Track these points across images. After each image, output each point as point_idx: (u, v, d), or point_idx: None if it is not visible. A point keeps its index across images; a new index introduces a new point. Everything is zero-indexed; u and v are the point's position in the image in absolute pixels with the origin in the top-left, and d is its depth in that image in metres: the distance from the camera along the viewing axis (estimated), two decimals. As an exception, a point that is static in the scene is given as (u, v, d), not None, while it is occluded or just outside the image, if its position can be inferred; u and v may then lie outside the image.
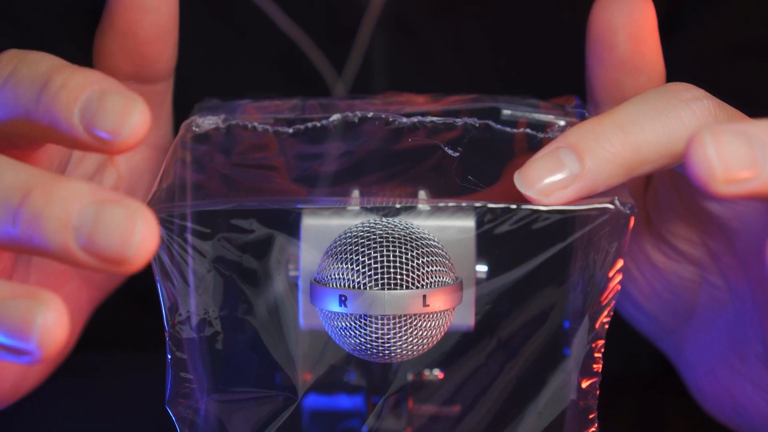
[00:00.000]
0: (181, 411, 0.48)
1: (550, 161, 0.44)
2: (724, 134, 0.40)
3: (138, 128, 0.40)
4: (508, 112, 0.49)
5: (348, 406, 0.52)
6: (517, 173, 0.44)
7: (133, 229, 0.38)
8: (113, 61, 0.51)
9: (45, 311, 0.38)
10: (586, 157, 0.43)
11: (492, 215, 0.48)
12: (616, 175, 0.44)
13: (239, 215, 0.48)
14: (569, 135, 0.44)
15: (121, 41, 0.50)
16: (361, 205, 0.49)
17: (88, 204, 0.39)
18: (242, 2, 0.65)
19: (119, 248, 0.38)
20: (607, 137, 0.43)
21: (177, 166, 0.48)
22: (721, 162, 0.39)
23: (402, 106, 0.50)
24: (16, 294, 0.38)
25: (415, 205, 0.49)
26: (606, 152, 0.43)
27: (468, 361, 0.50)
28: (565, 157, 0.44)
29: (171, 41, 0.51)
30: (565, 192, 0.44)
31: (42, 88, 0.41)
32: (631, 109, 0.44)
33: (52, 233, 0.38)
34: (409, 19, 0.66)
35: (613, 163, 0.43)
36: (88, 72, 0.42)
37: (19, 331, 0.38)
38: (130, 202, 0.39)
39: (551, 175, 0.44)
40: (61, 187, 0.39)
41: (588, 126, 0.44)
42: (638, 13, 0.50)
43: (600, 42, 0.50)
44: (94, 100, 0.40)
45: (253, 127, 0.48)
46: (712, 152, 0.39)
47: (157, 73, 0.52)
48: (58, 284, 0.53)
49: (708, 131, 0.39)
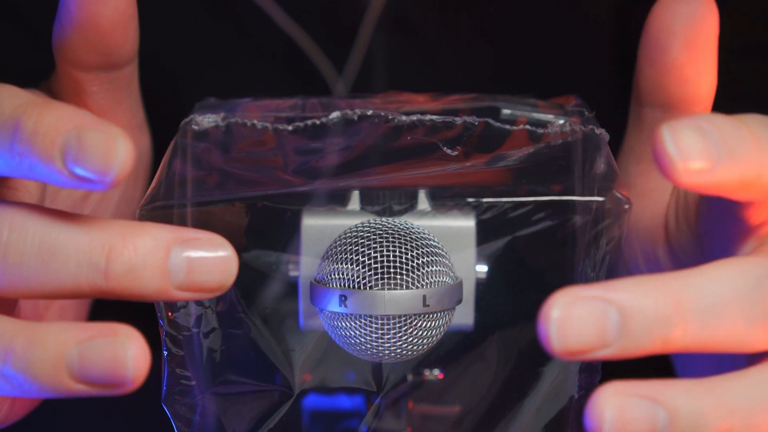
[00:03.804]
0: (178, 408, 0.48)
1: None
2: (681, 128, 0.40)
3: (124, 164, 0.39)
4: (507, 112, 0.49)
5: (348, 406, 0.52)
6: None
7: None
8: (77, 54, 0.50)
9: (131, 345, 0.40)
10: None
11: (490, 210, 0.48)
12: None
13: (238, 208, 0.48)
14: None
15: (82, 34, 0.49)
16: (361, 204, 0.49)
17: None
18: (243, 1, 0.65)
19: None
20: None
21: (176, 162, 0.48)
22: (679, 153, 0.39)
23: (402, 105, 0.50)
24: (103, 333, 0.40)
25: (415, 204, 0.49)
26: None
27: (468, 361, 0.50)
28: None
29: (133, 24, 0.50)
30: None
31: (13, 135, 0.40)
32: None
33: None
34: (410, 19, 0.66)
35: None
36: (58, 108, 0.40)
37: (113, 369, 0.40)
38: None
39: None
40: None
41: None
42: (699, 20, 0.48)
43: (654, 43, 0.49)
44: (73, 141, 0.39)
45: (253, 124, 0.48)
46: (671, 144, 0.39)
47: (122, 58, 0.51)
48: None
49: (666, 126, 0.40)
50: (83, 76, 0.51)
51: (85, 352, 0.40)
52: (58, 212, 0.42)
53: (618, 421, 0.39)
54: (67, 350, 0.40)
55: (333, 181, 0.48)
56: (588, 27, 0.65)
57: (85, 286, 0.41)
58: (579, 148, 0.48)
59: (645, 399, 0.40)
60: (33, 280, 0.41)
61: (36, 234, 0.41)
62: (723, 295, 0.40)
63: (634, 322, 0.39)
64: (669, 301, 0.39)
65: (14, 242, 0.41)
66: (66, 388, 0.40)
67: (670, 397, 0.40)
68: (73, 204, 0.53)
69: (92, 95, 0.52)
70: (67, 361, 0.40)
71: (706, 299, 0.40)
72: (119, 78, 0.52)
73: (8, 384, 0.41)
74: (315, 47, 0.66)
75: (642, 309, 0.39)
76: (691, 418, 0.40)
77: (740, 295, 0.40)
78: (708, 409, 0.40)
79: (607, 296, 0.39)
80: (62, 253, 0.41)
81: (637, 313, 0.39)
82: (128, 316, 0.44)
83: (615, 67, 0.66)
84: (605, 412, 0.39)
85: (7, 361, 0.40)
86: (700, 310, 0.40)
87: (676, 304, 0.39)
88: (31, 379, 0.40)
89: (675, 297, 0.39)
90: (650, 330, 0.39)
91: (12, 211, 0.41)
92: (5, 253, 0.41)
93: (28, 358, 0.40)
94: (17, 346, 0.40)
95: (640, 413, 0.39)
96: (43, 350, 0.40)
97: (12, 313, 0.45)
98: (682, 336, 0.40)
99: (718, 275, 0.40)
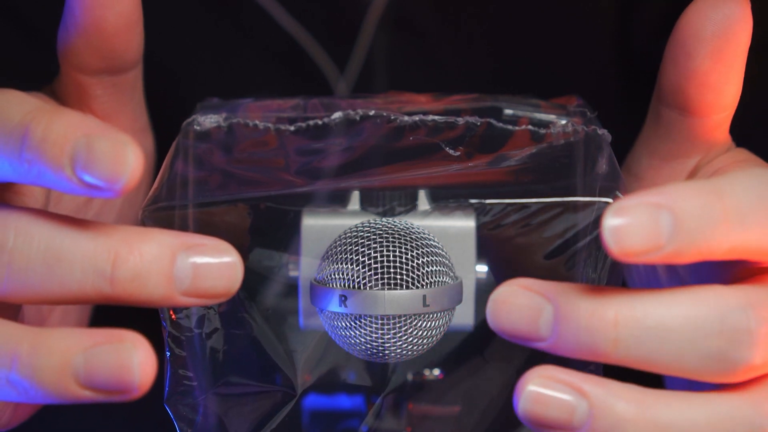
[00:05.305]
0: (180, 409, 0.48)
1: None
2: (629, 210, 0.39)
3: (134, 172, 0.39)
4: (509, 112, 0.49)
5: (348, 406, 0.52)
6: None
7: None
8: (81, 59, 0.50)
9: (137, 352, 0.40)
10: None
11: (492, 211, 0.48)
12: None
13: (240, 209, 0.48)
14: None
15: (87, 38, 0.49)
16: (361, 204, 0.49)
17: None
18: (245, 1, 0.65)
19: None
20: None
21: (178, 163, 0.48)
22: (613, 238, 0.39)
23: (403, 105, 0.50)
24: (109, 339, 0.40)
25: (415, 205, 0.49)
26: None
27: (468, 361, 0.50)
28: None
29: (138, 29, 0.50)
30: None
31: (22, 142, 0.40)
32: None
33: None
34: (412, 19, 0.66)
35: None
36: (67, 116, 0.40)
37: (119, 376, 0.40)
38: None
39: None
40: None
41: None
42: (731, 27, 0.46)
43: (680, 46, 0.47)
44: (82, 149, 0.39)
45: (255, 124, 0.48)
46: (609, 227, 0.39)
47: (127, 62, 0.51)
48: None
49: (614, 206, 0.39)
50: (88, 80, 0.51)
51: (91, 358, 0.40)
52: (63, 218, 0.42)
53: (536, 400, 0.40)
54: (73, 357, 0.40)
55: (335, 182, 0.48)
56: (590, 27, 0.65)
57: (91, 292, 0.41)
58: (581, 148, 0.48)
59: (570, 387, 0.40)
60: (38, 285, 0.41)
61: (42, 240, 0.41)
62: (751, 198, 0.40)
63: (685, 223, 0.39)
64: (713, 202, 0.40)
65: (20, 248, 0.41)
66: (72, 394, 0.40)
67: (598, 394, 0.40)
68: (77, 206, 0.53)
69: (96, 99, 0.52)
70: (73, 367, 0.40)
71: (743, 199, 0.40)
72: (124, 82, 0.52)
73: (14, 390, 0.41)
74: (317, 47, 0.66)
75: (691, 211, 0.39)
76: (612, 420, 0.40)
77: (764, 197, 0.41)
78: (630, 417, 0.40)
79: (659, 200, 0.39)
80: (68, 259, 0.40)
81: (687, 215, 0.39)
82: (130, 316, 0.44)
83: (617, 67, 0.66)
84: (526, 387, 0.40)
85: (13, 367, 0.40)
86: (737, 209, 0.40)
87: (721, 204, 0.40)
88: (37, 386, 0.40)
89: (718, 197, 0.40)
90: (699, 231, 0.39)
91: (18, 216, 0.41)
92: (11, 259, 0.41)
93: (34, 364, 0.40)
94: (23, 352, 0.40)
95: (562, 399, 0.40)
96: (49, 357, 0.40)
97: (16, 318, 0.45)
98: (725, 235, 0.40)
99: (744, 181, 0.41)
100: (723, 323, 0.40)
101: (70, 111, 0.41)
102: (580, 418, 0.40)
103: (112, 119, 0.52)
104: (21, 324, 0.41)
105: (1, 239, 0.41)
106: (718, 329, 0.40)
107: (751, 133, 0.53)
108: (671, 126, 0.50)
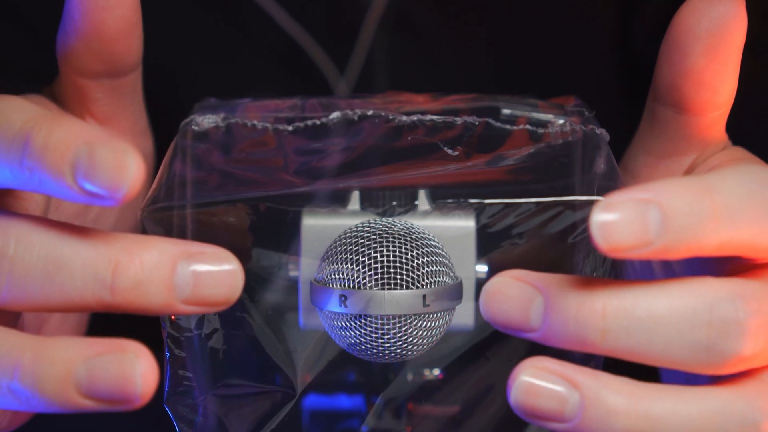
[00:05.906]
0: (180, 409, 0.48)
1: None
2: (617, 205, 0.39)
3: (135, 181, 0.39)
4: (507, 112, 0.49)
5: (348, 406, 0.52)
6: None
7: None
8: (81, 62, 0.50)
9: (139, 362, 0.40)
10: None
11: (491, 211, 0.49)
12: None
13: (239, 209, 0.48)
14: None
15: (87, 42, 0.49)
16: (361, 204, 0.49)
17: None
18: (244, 1, 0.65)
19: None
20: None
21: (176, 163, 0.48)
22: (601, 234, 0.39)
23: (402, 105, 0.50)
24: (111, 349, 0.40)
25: (415, 205, 0.49)
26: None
27: (468, 361, 0.50)
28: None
29: (137, 32, 0.50)
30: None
31: (23, 149, 0.40)
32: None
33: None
34: (412, 19, 0.66)
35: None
36: (68, 123, 0.40)
37: (122, 386, 0.40)
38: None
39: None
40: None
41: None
42: (725, 26, 0.46)
43: (675, 43, 0.47)
44: (83, 157, 0.39)
45: (253, 125, 0.48)
46: (597, 222, 0.39)
47: (127, 66, 0.51)
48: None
49: (602, 203, 0.39)
50: (87, 83, 0.51)
51: (93, 368, 0.40)
52: (64, 225, 0.42)
53: (528, 390, 0.40)
54: (75, 367, 0.40)
55: (334, 182, 0.48)
56: (588, 27, 0.65)
57: (91, 300, 0.41)
58: (579, 147, 0.48)
59: (562, 378, 0.41)
60: (39, 293, 0.41)
61: (42, 247, 0.41)
62: (741, 195, 0.41)
63: (674, 219, 0.39)
64: (702, 198, 0.40)
65: (20, 256, 0.41)
66: (74, 404, 0.40)
67: (590, 386, 0.41)
68: (78, 210, 0.53)
69: (96, 102, 0.52)
70: (75, 377, 0.40)
71: (733, 195, 0.40)
72: (123, 85, 0.52)
73: (16, 399, 0.41)
74: (316, 47, 0.66)
75: (680, 207, 0.39)
76: (603, 411, 0.40)
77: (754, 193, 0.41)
78: (622, 409, 0.40)
79: (647, 196, 0.39)
80: (68, 267, 0.40)
81: (676, 211, 0.39)
82: (130, 317, 0.44)
83: (615, 67, 0.66)
84: (519, 377, 0.41)
85: (15, 376, 0.40)
86: (727, 205, 0.40)
87: (710, 200, 0.40)
88: (39, 395, 0.40)
89: (707, 194, 0.40)
90: (688, 227, 0.39)
91: (18, 224, 0.41)
92: (11, 267, 0.41)
93: (36, 374, 0.40)
94: (25, 361, 0.40)
95: (553, 389, 0.40)
96: (51, 366, 0.40)
97: (16, 324, 0.45)
98: (715, 231, 0.40)
99: (734, 176, 0.41)
100: (711, 314, 0.40)
101: (72, 118, 0.41)
102: (572, 409, 0.40)
103: (111, 122, 0.53)
104: (22, 332, 0.41)
105: (2, 247, 0.41)
106: (707, 320, 0.40)
107: (748, 131, 0.53)
108: (667, 124, 0.50)
